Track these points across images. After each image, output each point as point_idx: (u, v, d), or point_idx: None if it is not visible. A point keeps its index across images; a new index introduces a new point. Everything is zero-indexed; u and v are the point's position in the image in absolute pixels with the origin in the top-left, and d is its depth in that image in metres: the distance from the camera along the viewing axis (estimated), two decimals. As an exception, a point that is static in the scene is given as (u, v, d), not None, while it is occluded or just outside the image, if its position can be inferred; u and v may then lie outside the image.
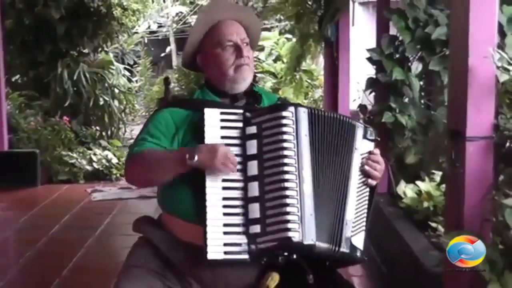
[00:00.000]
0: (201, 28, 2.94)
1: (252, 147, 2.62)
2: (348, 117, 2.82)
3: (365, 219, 2.78)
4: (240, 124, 2.67)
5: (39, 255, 5.84)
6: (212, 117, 2.67)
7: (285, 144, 2.57)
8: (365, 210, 2.79)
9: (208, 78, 2.94)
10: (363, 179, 2.78)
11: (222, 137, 2.65)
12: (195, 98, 2.95)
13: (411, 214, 5.14)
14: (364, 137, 2.80)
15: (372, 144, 2.83)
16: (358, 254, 2.73)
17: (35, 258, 5.73)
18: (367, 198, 2.80)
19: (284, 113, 2.61)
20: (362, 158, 2.78)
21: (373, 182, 2.80)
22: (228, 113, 2.69)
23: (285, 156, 2.56)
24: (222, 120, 2.68)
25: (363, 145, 2.79)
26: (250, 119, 2.66)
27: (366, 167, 2.77)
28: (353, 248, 2.69)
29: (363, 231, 2.77)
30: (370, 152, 2.81)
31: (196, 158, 2.56)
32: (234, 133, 2.66)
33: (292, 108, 2.63)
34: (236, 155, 2.62)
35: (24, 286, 5.35)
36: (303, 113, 2.64)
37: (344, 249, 2.64)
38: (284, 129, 2.59)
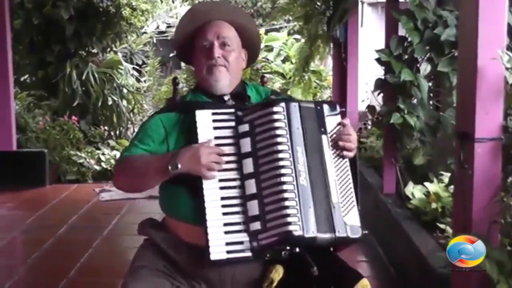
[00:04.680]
0: (185, 27, 2.99)
1: (246, 145, 2.65)
2: (309, 101, 2.89)
3: (353, 194, 2.75)
4: (233, 123, 2.70)
5: (46, 255, 5.84)
6: (204, 119, 2.70)
7: (278, 139, 2.59)
8: (350, 185, 2.75)
9: (197, 79, 2.98)
10: (339, 156, 2.76)
11: (216, 138, 2.67)
12: (188, 100, 2.98)
13: (419, 215, 5.13)
14: (328, 114, 2.78)
15: (338, 117, 2.81)
16: (358, 231, 2.69)
17: (43, 258, 5.74)
18: (349, 173, 2.77)
19: (275, 109, 2.64)
20: (332, 136, 2.76)
21: (350, 154, 2.78)
22: (220, 113, 2.72)
23: (280, 151, 2.58)
24: (214, 121, 2.71)
25: (329, 122, 2.77)
26: (242, 117, 2.69)
27: (340, 142, 2.75)
28: (349, 228, 2.65)
29: (354, 207, 2.73)
30: (338, 126, 2.79)
31: (179, 166, 2.59)
32: (227, 132, 2.69)
33: (283, 103, 2.66)
34: (231, 154, 2.66)
35: (32, 286, 5.35)
36: (294, 107, 2.67)
37: (340, 233, 2.62)
38: (276, 124, 2.61)
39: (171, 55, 23.76)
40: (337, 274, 2.74)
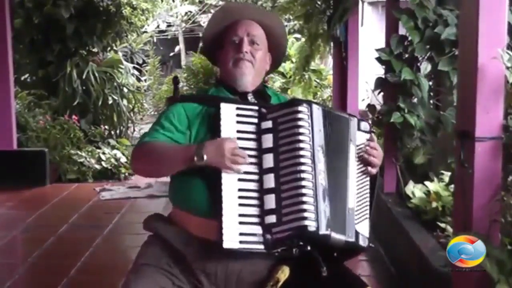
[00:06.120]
0: (216, 24, 3.04)
1: (268, 140, 2.68)
2: (343, 111, 2.96)
3: (368, 207, 2.85)
4: (256, 120, 2.72)
5: (47, 254, 5.84)
6: (228, 112, 2.73)
7: (301, 137, 2.63)
8: (367, 198, 2.86)
9: (221, 74, 3.01)
10: (362, 168, 2.85)
11: (238, 131, 2.70)
12: (210, 94, 3.00)
13: (420, 215, 5.13)
14: (358, 129, 2.87)
15: (367, 135, 2.90)
16: (365, 241, 2.77)
17: (43, 257, 5.74)
18: (368, 186, 2.87)
19: (300, 108, 2.68)
20: (359, 149, 2.84)
21: (373, 170, 2.88)
22: (244, 108, 2.75)
23: (301, 149, 2.62)
24: (238, 115, 2.73)
25: (358, 137, 2.85)
26: (266, 115, 2.72)
27: (365, 155, 2.84)
28: (358, 235, 2.73)
29: (366, 219, 2.82)
30: (366, 142, 2.87)
31: (205, 158, 2.62)
32: (250, 128, 2.72)
33: (306, 104, 2.70)
34: (252, 148, 2.69)
35: (32, 285, 5.37)
36: (318, 110, 2.71)
37: (350, 238, 2.69)
38: (300, 123, 2.65)
39: (171, 54, 23.80)
40: (341, 281, 2.76)
